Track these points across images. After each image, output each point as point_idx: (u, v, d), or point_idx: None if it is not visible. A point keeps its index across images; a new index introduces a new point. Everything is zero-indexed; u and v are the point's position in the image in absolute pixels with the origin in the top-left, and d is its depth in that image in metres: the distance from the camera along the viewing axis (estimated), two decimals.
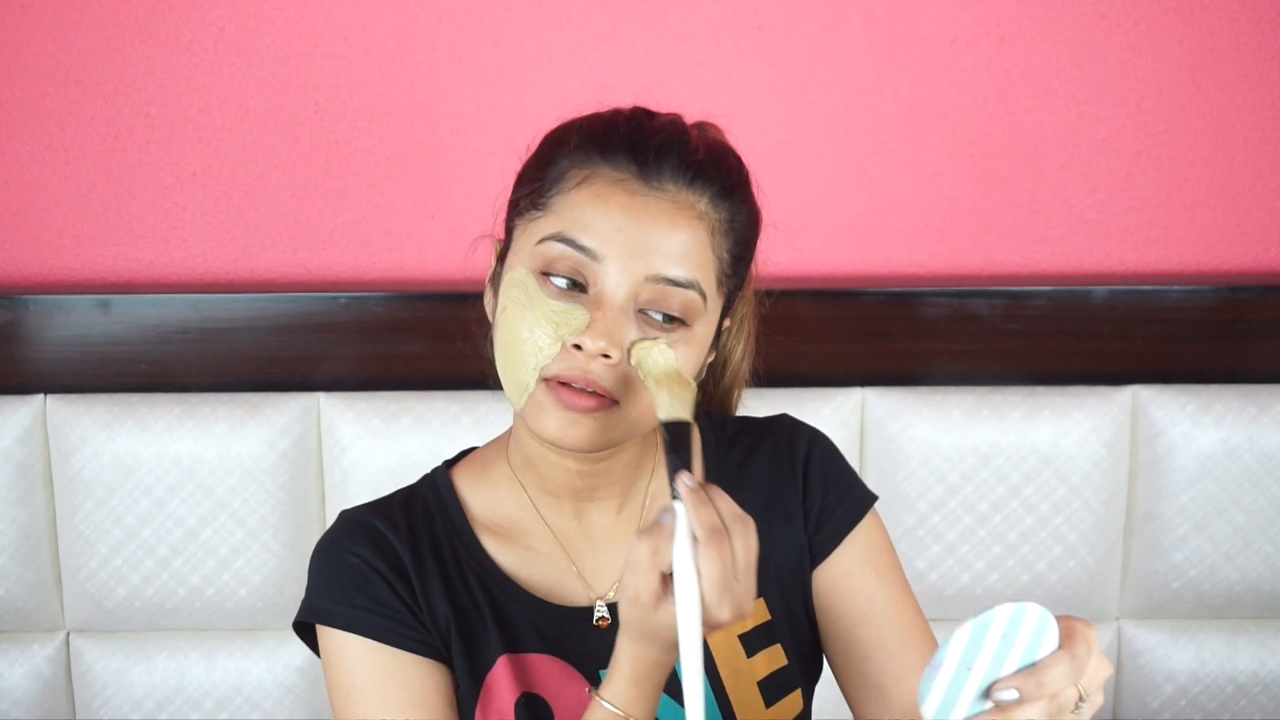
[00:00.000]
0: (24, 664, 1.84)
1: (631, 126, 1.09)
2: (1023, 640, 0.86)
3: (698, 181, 1.07)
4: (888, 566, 1.20)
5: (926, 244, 1.89)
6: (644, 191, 1.06)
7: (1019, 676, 0.86)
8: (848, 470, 1.24)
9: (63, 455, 1.79)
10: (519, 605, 1.15)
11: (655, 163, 1.07)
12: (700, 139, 1.10)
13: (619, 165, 1.07)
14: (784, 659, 1.18)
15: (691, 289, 1.06)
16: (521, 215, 1.11)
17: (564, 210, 1.07)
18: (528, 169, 1.13)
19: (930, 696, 0.86)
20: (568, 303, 1.05)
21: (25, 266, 1.87)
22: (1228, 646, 1.87)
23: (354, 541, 1.15)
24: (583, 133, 1.10)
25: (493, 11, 1.82)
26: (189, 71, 1.82)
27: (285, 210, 1.86)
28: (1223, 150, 1.88)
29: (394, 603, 1.13)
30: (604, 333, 1.03)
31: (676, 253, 1.05)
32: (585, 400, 1.05)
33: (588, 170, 1.07)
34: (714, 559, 0.94)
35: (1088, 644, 0.88)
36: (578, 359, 1.04)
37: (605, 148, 1.08)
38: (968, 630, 0.85)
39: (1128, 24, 1.84)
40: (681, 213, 1.06)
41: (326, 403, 1.80)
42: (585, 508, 1.17)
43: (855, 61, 1.84)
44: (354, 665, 1.12)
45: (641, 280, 1.05)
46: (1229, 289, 1.84)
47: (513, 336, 1.06)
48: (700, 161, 1.08)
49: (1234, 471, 1.81)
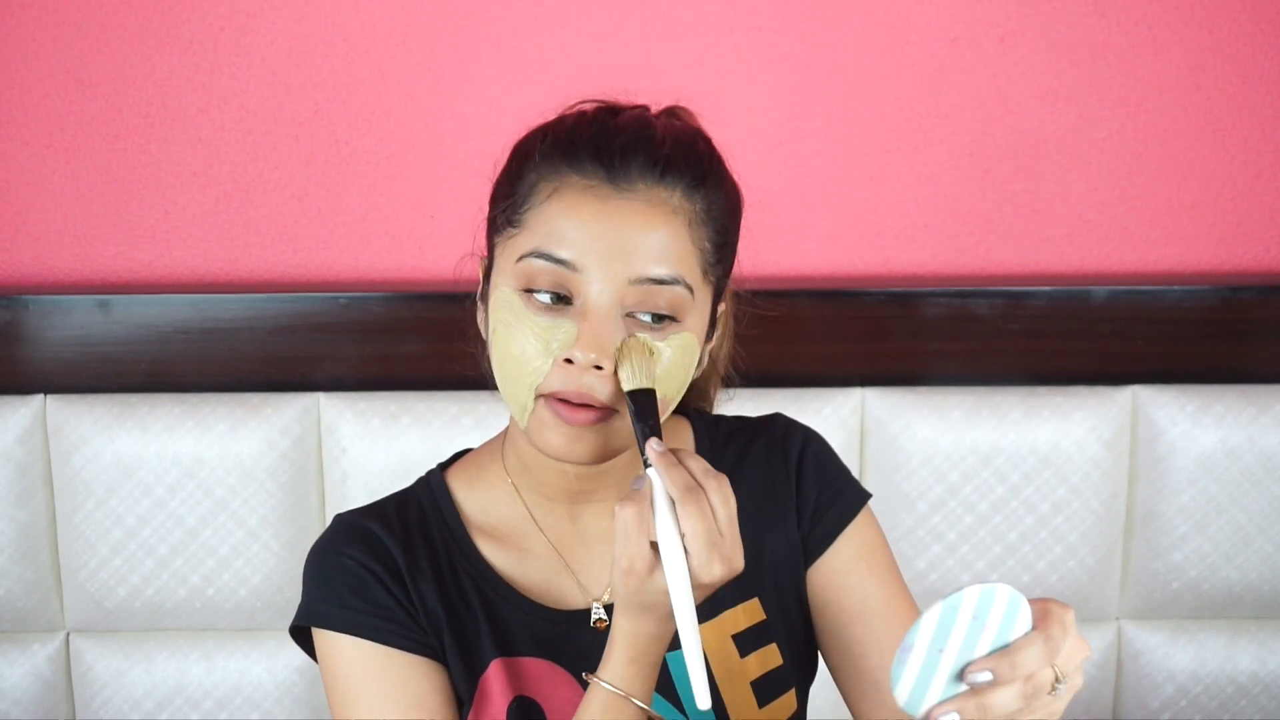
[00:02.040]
0: (24, 664, 1.84)
1: (595, 130, 1.08)
2: (994, 621, 0.85)
3: (668, 176, 1.06)
4: (882, 564, 1.20)
5: (926, 244, 1.89)
6: (615, 195, 1.05)
7: (992, 658, 0.85)
8: (841, 469, 1.24)
9: (63, 455, 1.79)
10: (513, 608, 1.15)
11: (622, 164, 1.05)
12: (666, 130, 1.09)
13: (586, 172, 1.05)
14: (779, 659, 1.18)
15: (676, 284, 1.05)
16: (499, 233, 1.10)
17: (538, 225, 1.06)
18: (500, 185, 1.12)
19: (903, 680, 0.85)
20: (554, 317, 1.04)
21: (25, 266, 1.87)
22: (1228, 646, 1.86)
23: (348, 544, 1.15)
24: (547, 142, 1.08)
25: (493, 11, 1.82)
26: (189, 71, 1.82)
27: (285, 210, 1.86)
28: (1223, 150, 1.87)
29: (389, 603, 1.13)
30: (593, 344, 1.02)
31: (656, 252, 1.04)
32: (583, 414, 1.04)
33: (556, 181, 1.06)
34: (694, 516, 0.95)
35: (1063, 625, 0.87)
36: (571, 373, 1.03)
37: (570, 156, 1.06)
38: (937, 611, 0.84)
39: (1128, 24, 1.84)
40: (655, 211, 1.05)
41: (326, 403, 1.80)
42: (580, 510, 1.17)
43: (855, 61, 1.84)
44: (350, 667, 1.12)
45: (624, 285, 1.03)
46: (1229, 289, 1.84)
47: (505, 356, 1.06)
48: (668, 156, 1.06)
49: (1234, 471, 1.81)
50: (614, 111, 1.10)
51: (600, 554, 1.17)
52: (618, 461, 1.14)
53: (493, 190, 1.12)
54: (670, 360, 1.06)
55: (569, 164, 1.06)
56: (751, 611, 1.18)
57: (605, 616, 1.15)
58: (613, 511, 1.16)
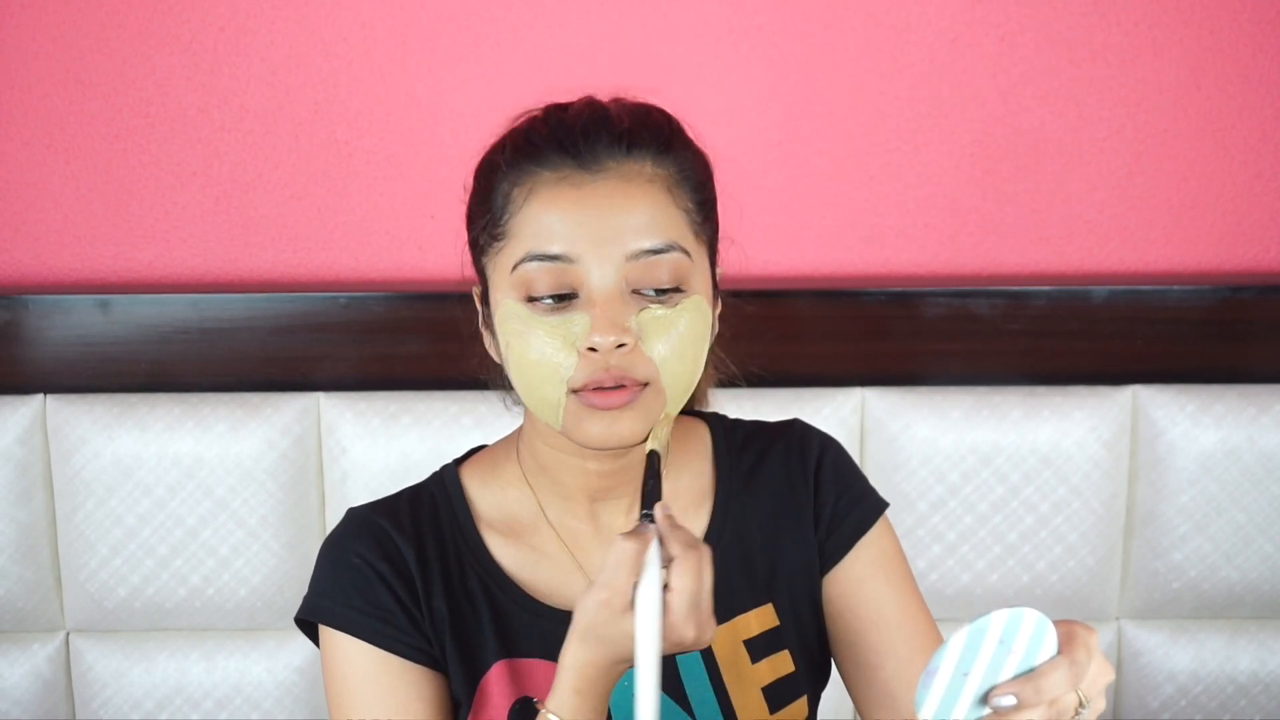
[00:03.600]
0: (24, 664, 1.84)
1: (551, 124, 1.08)
2: (1020, 645, 0.86)
3: (635, 149, 1.06)
4: (898, 573, 1.19)
5: (926, 244, 1.89)
6: (589, 180, 1.05)
7: (1017, 682, 0.85)
8: (859, 476, 1.24)
9: (63, 455, 1.79)
10: (519, 608, 1.15)
11: (588, 148, 1.06)
12: (620, 108, 1.10)
13: (555, 165, 1.06)
14: (791, 665, 1.18)
15: (672, 250, 1.05)
16: (486, 252, 1.10)
17: (523, 229, 1.06)
18: (473, 206, 1.12)
19: (927, 702, 0.86)
20: (563, 313, 1.05)
21: (25, 266, 1.87)
22: (1228, 646, 1.86)
23: (358, 541, 1.15)
24: (509, 150, 1.09)
25: (493, 12, 1.82)
26: (189, 71, 1.82)
27: (285, 210, 1.86)
28: (1223, 150, 1.87)
29: (393, 607, 1.13)
30: (610, 327, 1.03)
31: (643, 224, 1.05)
32: (619, 395, 1.04)
33: (529, 182, 1.07)
34: (688, 574, 0.95)
35: (1088, 649, 0.87)
36: (597, 360, 1.04)
37: (535, 155, 1.07)
38: (963, 635, 0.85)
39: (1128, 24, 1.84)
40: (632, 185, 1.05)
41: (326, 403, 1.80)
42: (598, 508, 1.17)
43: (855, 61, 1.84)
44: (348, 667, 1.12)
45: (622, 262, 1.04)
46: (1229, 289, 1.84)
47: (525, 362, 1.06)
48: (629, 129, 1.07)
49: (1234, 471, 1.81)
50: (562, 107, 1.11)
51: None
52: (636, 456, 1.13)
53: (467, 215, 1.13)
54: (686, 327, 1.06)
55: (535, 162, 1.06)
56: (765, 617, 1.18)
57: None
58: (627, 509, 1.17)
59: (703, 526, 1.19)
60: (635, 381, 1.04)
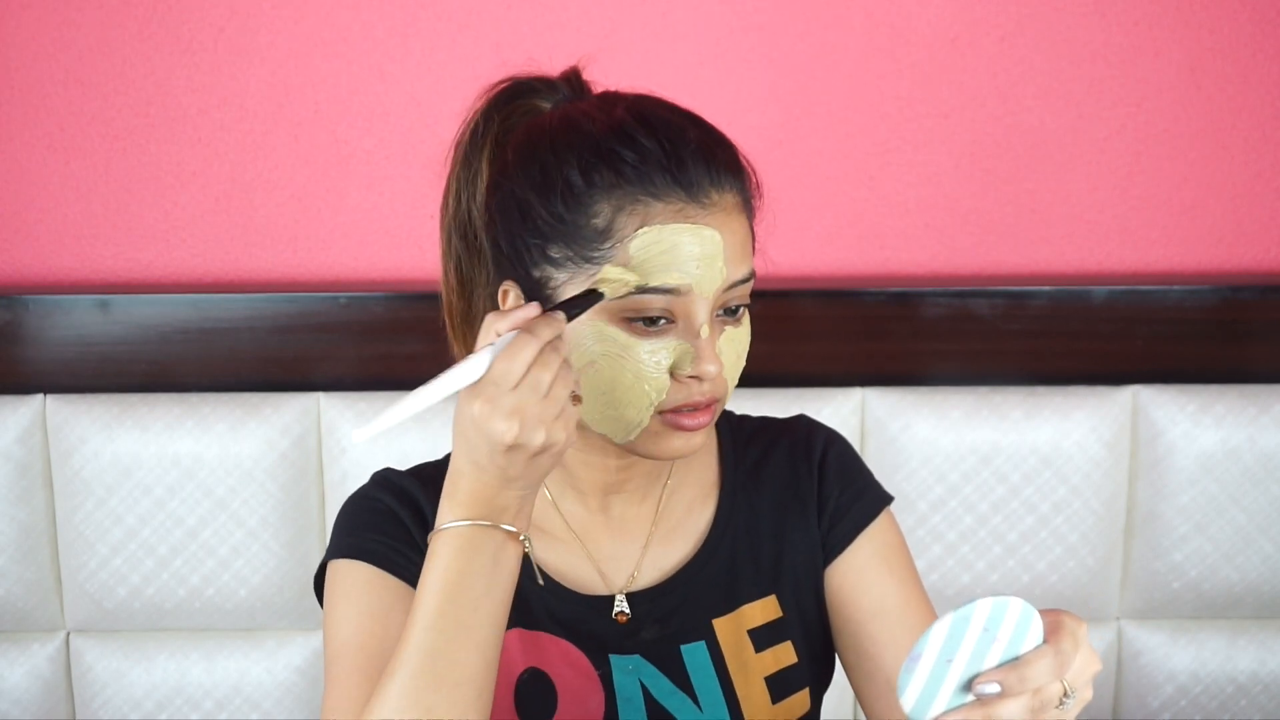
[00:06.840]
0: (24, 664, 1.84)
1: (658, 146, 1.04)
2: (1005, 633, 0.85)
3: (725, 176, 1.06)
4: (901, 566, 1.20)
5: (926, 244, 1.89)
6: (701, 214, 1.04)
7: (1001, 670, 0.85)
8: (863, 470, 1.24)
9: (62, 455, 1.79)
10: (534, 583, 1.14)
11: (697, 180, 1.04)
12: (696, 128, 1.08)
13: (669, 198, 1.03)
14: (793, 656, 1.18)
15: (752, 277, 1.08)
16: (559, 266, 1.05)
17: (637, 258, 1.03)
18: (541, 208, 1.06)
19: (909, 689, 0.85)
20: (659, 339, 1.04)
21: (25, 266, 1.87)
22: (1228, 646, 1.86)
23: (381, 490, 1.17)
24: (612, 169, 1.04)
25: (493, 12, 1.82)
26: (189, 71, 1.82)
27: (285, 210, 1.86)
28: (1223, 150, 1.87)
29: (405, 539, 1.13)
30: (713, 356, 1.04)
31: (737, 255, 1.05)
32: (705, 415, 1.06)
33: (639, 210, 1.03)
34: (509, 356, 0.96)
35: (1074, 638, 0.87)
36: (693, 385, 1.05)
37: (645, 182, 1.03)
38: (947, 622, 0.84)
39: (1128, 24, 1.84)
40: (731, 216, 1.05)
41: (326, 403, 1.80)
42: (611, 500, 1.18)
43: (855, 61, 1.84)
44: (355, 589, 1.11)
45: (718, 294, 1.05)
46: (1229, 289, 1.84)
47: (617, 385, 1.05)
48: (723, 160, 1.06)
49: (1234, 471, 1.81)
50: (642, 119, 1.07)
51: (622, 543, 1.18)
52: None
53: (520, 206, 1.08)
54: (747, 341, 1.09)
55: (646, 191, 1.03)
56: (768, 608, 1.19)
57: (627, 610, 1.16)
58: (639, 501, 1.18)
59: (709, 519, 1.20)
60: (718, 400, 1.07)
